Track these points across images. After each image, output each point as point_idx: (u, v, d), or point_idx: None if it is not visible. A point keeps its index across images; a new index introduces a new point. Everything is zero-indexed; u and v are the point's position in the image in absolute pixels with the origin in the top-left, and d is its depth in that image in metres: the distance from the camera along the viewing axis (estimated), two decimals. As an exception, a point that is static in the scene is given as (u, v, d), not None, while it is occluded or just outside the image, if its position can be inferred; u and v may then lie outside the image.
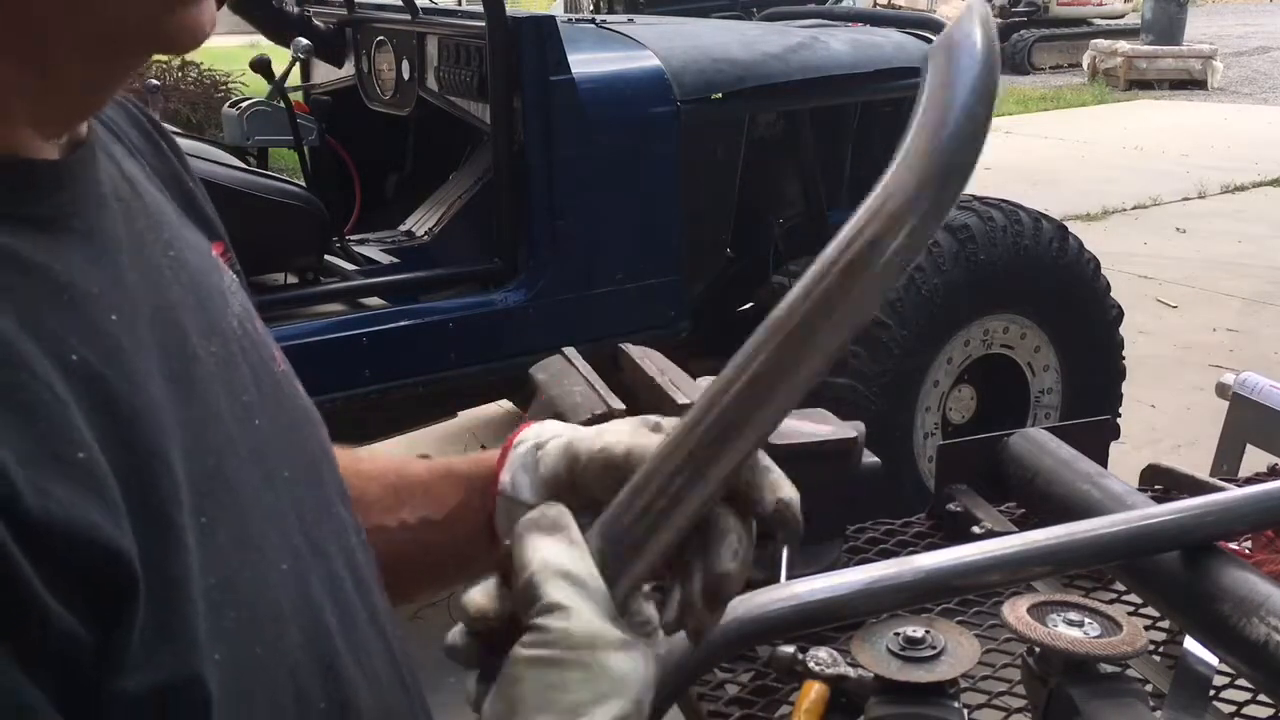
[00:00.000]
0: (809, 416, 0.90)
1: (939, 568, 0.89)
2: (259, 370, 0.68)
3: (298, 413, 0.72)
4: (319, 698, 0.62)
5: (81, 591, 0.48)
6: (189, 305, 0.63)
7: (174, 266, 0.63)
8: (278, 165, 4.24)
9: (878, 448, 0.91)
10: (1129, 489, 1.11)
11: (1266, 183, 8.37)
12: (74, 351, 0.52)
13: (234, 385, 0.64)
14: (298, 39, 3.42)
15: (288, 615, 0.61)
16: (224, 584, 0.56)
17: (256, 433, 0.64)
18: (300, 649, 0.61)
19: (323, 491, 0.71)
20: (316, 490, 0.70)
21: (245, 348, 0.67)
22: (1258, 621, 0.89)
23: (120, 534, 0.50)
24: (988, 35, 0.57)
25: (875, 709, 0.87)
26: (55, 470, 0.48)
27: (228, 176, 2.84)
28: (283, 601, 0.61)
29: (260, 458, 0.63)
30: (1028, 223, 3.19)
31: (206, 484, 0.57)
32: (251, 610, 0.58)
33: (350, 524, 0.73)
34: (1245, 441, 1.77)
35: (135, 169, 0.68)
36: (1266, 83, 13.74)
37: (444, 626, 0.64)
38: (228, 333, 0.66)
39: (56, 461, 0.48)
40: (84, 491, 0.49)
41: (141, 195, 0.65)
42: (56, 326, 0.52)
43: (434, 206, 3.50)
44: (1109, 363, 3.43)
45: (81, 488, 0.49)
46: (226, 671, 0.54)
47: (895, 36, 3.83)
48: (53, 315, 0.52)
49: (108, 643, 0.49)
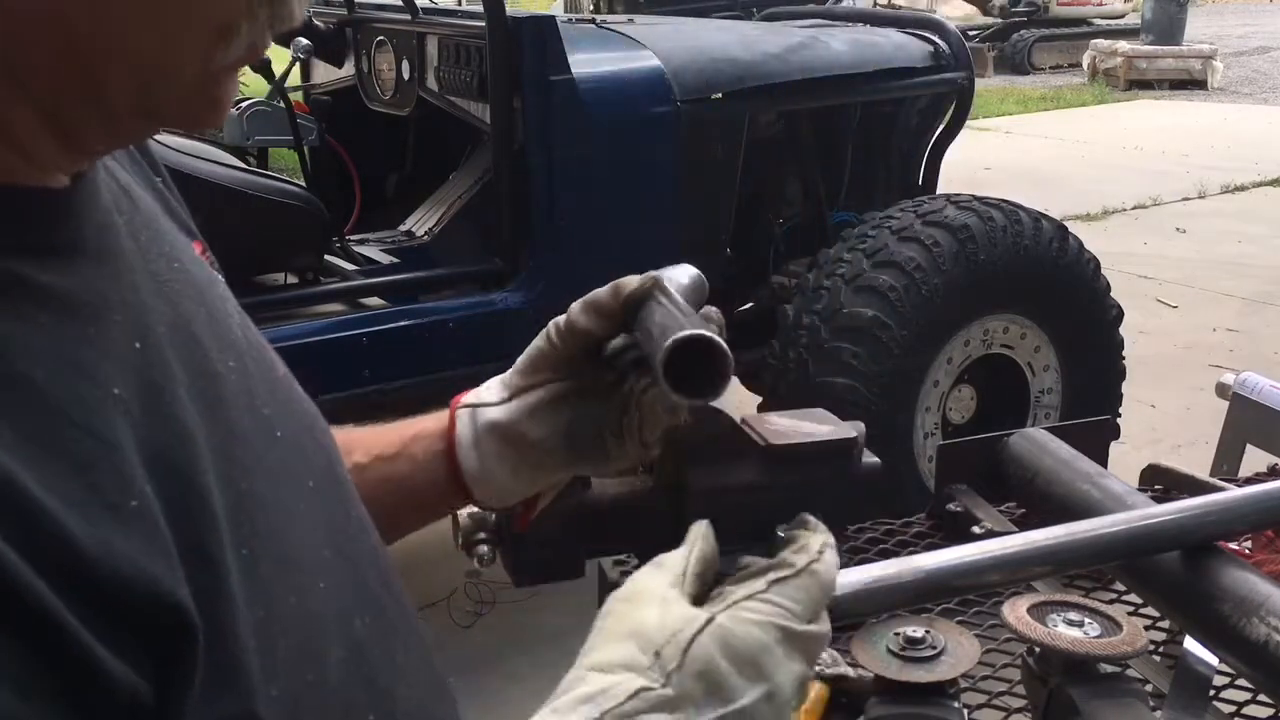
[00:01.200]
0: (809, 416, 0.90)
1: (939, 568, 0.89)
2: (268, 378, 0.66)
3: (305, 416, 0.71)
4: (365, 710, 0.61)
5: (144, 646, 0.46)
6: (201, 319, 0.61)
7: (181, 280, 0.61)
8: (278, 165, 4.24)
9: (878, 448, 0.90)
10: (1129, 489, 1.11)
11: (1266, 183, 8.37)
12: (114, 386, 0.50)
13: (253, 399, 0.62)
14: (298, 39, 3.41)
15: (332, 634, 0.60)
16: (271, 616, 0.54)
17: (279, 446, 0.62)
18: (343, 664, 0.60)
19: (341, 493, 0.70)
20: (336, 493, 0.69)
21: (253, 357, 0.65)
22: (1258, 621, 0.89)
23: (178, 583, 0.48)
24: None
25: (875, 709, 0.87)
26: (111, 521, 0.46)
27: (228, 176, 2.84)
28: (326, 620, 0.60)
29: (287, 472, 0.62)
30: (1028, 223, 3.19)
31: (243, 512, 0.55)
32: (299, 636, 0.57)
33: (368, 522, 0.72)
34: (1245, 441, 1.77)
35: (126, 176, 0.66)
36: (1266, 83, 13.74)
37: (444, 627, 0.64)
38: (238, 344, 0.64)
39: (113, 512, 0.46)
40: (141, 541, 0.47)
41: (137, 204, 0.63)
42: (90, 362, 0.50)
43: (434, 206, 3.50)
44: (1109, 363, 3.42)
45: (137, 537, 0.47)
46: (283, 705, 0.53)
47: (895, 36, 3.82)
48: (84, 349, 0.50)
49: (169, 695, 0.47)
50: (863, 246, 3.10)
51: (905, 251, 3.04)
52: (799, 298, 3.15)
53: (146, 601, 0.46)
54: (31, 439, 0.44)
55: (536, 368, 0.82)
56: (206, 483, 0.52)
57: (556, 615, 2.68)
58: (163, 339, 0.56)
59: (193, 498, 0.51)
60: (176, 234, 0.67)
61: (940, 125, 3.85)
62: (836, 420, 0.89)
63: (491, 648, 2.90)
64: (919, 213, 3.15)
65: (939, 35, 3.79)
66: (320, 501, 0.65)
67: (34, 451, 0.44)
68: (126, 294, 0.55)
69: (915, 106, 3.80)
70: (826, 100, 3.57)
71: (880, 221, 3.17)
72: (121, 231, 0.58)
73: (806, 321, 3.06)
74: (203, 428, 0.54)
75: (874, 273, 3.03)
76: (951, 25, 3.93)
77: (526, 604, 2.84)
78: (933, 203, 3.25)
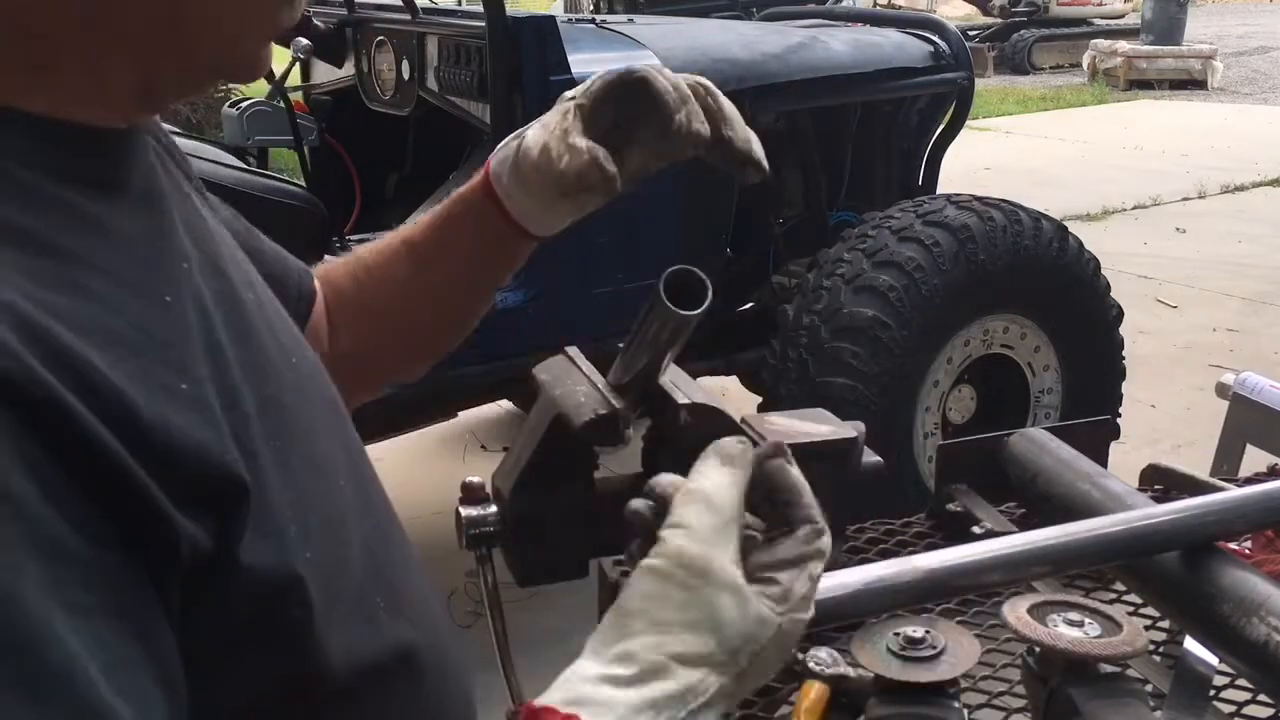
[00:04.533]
0: (809, 416, 0.90)
1: (939, 568, 0.89)
2: (281, 315, 0.77)
3: (311, 353, 0.80)
4: (375, 594, 0.69)
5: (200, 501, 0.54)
6: (225, 256, 0.70)
7: (203, 223, 0.71)
8: (278, 165, 4.24)
9: (878, 448, 0.90)
10: (1129, 489, 1.11)
11: (1266, 183, 8.37)
12: (166, 293, 0.60)
13: (272, 328, 0.71)
14: (298, 39, 3.41)
15: (350, 524, 0.69)
16: (301, 499, 0.62)
17: (296, 369, 0.71)
18: (360, 551, 0.69)
19: (345, 422, 0.79)
20: (340, 419, 0.78)
21: (267, 298, 0.75)
22: (1258, 621, 0.89)
23: (227, 450, 0.57)
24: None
25: (875, 709, 0.87)
26: (167, 399, 0.55)
27: (228, 176, 2.84)
28: (346, 512, 0.69)
29: (303, 391, 0.71)
30: (1028, 223, 3.19)
31: (270, 412, 0.63)
32: (326, 518, 0.65)
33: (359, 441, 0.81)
34: (1245, 441, 1.77)
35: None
36: (1266, 83, 13.74)
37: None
38: (256, 283, 0.74)
39: (167, 392, 0.55)
40: (195, 416, 0.56)
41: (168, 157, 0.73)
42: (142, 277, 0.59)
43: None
44: (1109, 363, 3.42)
45: (191, 412, 0.56)
46: (316, 571, 0.61)
47: (895, 36, 3.82)
48: (135, 268, 0.59)
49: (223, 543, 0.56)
50: (863, 246, 3.10)
51: (905, 251, 3.04)
52: (799, 298, 3.15)
53: (200, 463, 0.55)
54: (100, 332, 0.54)
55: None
56: (238, 384, 0.61)
57: (558, 615, 2.68)
58: (197, 264, 0.65)
59: (234, 393, 0.61)
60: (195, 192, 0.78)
61: (940, 125, 3.85)
62: (836, 420, 0.89)
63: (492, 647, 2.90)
64: (919, 213, 3.15)
65: (939, 35, 3.79)
66: (330, 419, 0.75)
67: (102, 342, 0.53)
68: (166, 226, 0.65)
69: (915, 106, 3.80)
70: (826, 100, 3.57)
71: (880, 221, 3.17)
72: (159, 172, 0.68)
73: (806, 321, 3.06)
74: (230, 340, 0.63)
75: (874, 273, 3.02)
76: (951, 25, 3.93)
77: (527, 604, 2.83)
78: (933, 203, 3.25)
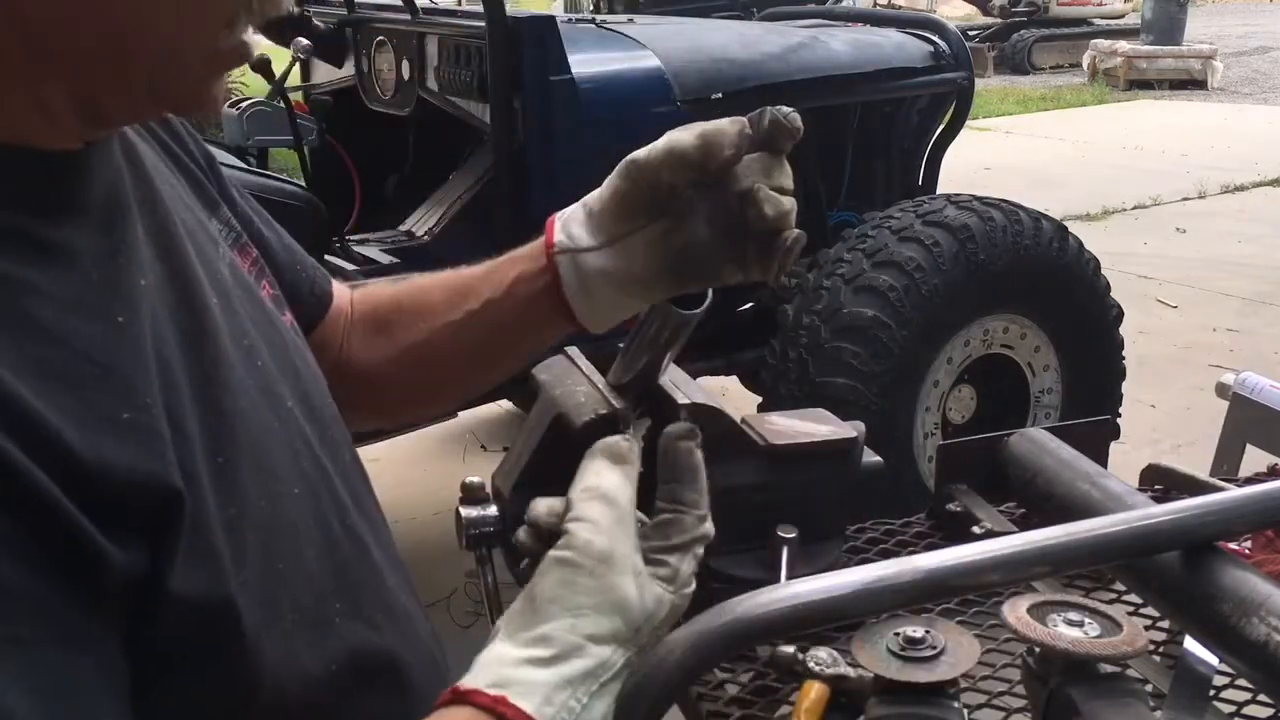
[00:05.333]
0: (809, 416, 0.90)
1: (939, 568, 0.89)
2: (252, 310, 0.76)
3: (288, 340, 0.81)
4: (334, 598, 0.72)
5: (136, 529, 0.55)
6: (193, 260, 0.70)
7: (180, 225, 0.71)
8: (278, 165, 4.24)
9: (878, 448, 0.90)
10: (1129, 489, 1.11)
11: (1266, 183, 8.37)
12: (120, 314, 0.60)
13: (236, 332, 0.71)
14: (298, 39, 3.41)
15: (303, 532, 0.70)
16: (241, 514, 0.64)
17: (260, 372, 0.72)
18: (316, 560, 0.71)
19: (320, 413, 0.80)
20: (317, 413, 0.79)
21: (239, 294, 0.75)
22: (1258, 621, 0.89)
23: (164, 474, 0.58)
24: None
25: (875, 709, 0.87)
26: (104, 429, 0.55)
27: (228, 176, 2.84)
28: (298, 521, 0.70)
29: (268, 394, 0.72)
30: (1028, 223, 3.18)
31: (224, 426, 0.65)
32: (269, 532, 0.66)
33: (346, 438, 0.83)
34: (1245, 441, 1.77)
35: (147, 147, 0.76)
36: (1266, 83, 13.74)
37: (444, 627, 0.66)
38: (224, 282, 0.74)
39: (108, 422, 0.56)
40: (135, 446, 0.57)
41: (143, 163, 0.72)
42: (94, 300, 0.59)
43: (434, 206, 3.49)
44: (1109, 363, 3.42)
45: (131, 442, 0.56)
46: (252, 590, 0.63)
47: (895, 36, 3.82)
48: (87, 291, 0.59)
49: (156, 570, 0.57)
50: (863, 246, 3.10)
51: (905, 251, 3.04)
52: (799, 298, 3.15)
53: (136, 493, 0.56)
54: (35, 364, 0.53)
55: (627, 213, 0.87)
56: (182, 403, 0.62)
57: (556, 615, 2.68)
58: (156, 279, 0.65)
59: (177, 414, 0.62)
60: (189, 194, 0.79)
61: (940, 125, 3.84)
62: (836, 420, 0.89)
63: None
64: (919, 213, 3.15)
65: (939, 35, 3.79)
66: (299, 420, 0.75)
67: (36, 375, 0.53)
68: (129, 239, 0.64)
69: (915, 106, 3.80)
70: (826, 100, 3.57)
71: (880, 221, 3.17)
72: (129, 187, 0.67)
73: (806, 321, 3.06)
74: (182, 358, 0.64)
75: (874, 273, 3.02)
76: (951, 25, 3.92)
77: (526, 604, 2.83)
78: (933, 203, 3.25)
